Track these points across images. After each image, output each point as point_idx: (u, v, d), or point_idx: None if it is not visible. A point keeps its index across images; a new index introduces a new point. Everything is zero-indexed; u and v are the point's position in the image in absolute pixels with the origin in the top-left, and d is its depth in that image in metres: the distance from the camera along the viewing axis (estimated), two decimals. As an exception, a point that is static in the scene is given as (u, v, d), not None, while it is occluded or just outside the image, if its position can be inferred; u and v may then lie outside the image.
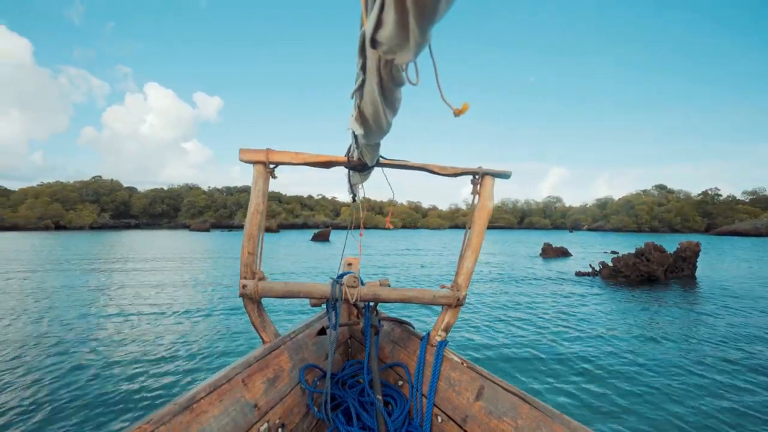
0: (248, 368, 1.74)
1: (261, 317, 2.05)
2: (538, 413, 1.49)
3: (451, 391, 1.87)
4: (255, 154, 1.88)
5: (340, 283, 2.04)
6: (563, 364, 5.33)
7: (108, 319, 7.53)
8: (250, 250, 1.92)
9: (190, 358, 5.34)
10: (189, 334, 6.50)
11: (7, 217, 61.44)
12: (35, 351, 5.60)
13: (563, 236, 60.04)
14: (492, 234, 65.68)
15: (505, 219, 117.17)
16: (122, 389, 4.34)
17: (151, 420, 1.23)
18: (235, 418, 1.51)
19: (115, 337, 6.30)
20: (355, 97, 1.04)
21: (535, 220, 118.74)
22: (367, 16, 0.64)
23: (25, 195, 74.37)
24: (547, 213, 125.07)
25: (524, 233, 73.97)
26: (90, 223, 70.78)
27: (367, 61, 0.80)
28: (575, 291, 11.25)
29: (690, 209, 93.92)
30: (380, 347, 2.43)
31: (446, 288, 2.14)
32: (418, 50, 0.61)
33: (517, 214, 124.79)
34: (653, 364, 5.40)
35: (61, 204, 72.87)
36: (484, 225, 2.10)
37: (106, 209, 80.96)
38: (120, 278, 12.59)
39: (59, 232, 57.03)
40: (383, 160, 1.97)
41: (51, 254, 20.88)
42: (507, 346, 6.08)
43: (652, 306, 9.35)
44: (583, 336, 6.73)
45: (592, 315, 8.35)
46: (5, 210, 65.03)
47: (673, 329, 7.29)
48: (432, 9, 0.50)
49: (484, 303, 9.41)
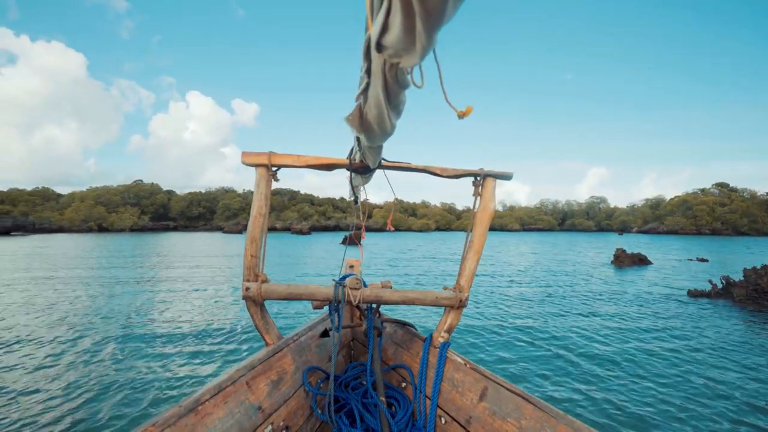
0: (252, 370, 1.73)
1: (264, 319, 2.03)
2: (542, 414, 1.48)
3: (455, 392, 1.86)
4: (257, 157, 1.86)
5: (342, 285, 1.99)
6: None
7: (123, 316, 7.51)
8: (253, 253, 1.89)
9: (198, 357, 5.32)
10: (204, 332, 6.55)
11: (54, 220, 63.87)
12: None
13: (612, 239, 54.78)
14: (533, 237, 61.48)
15: (545, 221, 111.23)
16: (142, 380, 4.42)
17: (156, 422, 1.23)
18: (239, 420, 1.51)
19: (129, 335, 6.33)
20: (360, 99, 1.02)
21: (578, 221, 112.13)
22: (373, 20, 0.64)
23: (72, 199, 77.77)
24: (590, 214, 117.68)
25: (568, 236, 68.77)
26: (130, 226, 72.74)
27: (371, 65, 0.79)
28: (702, 323, 7.79)
29: (758, 209, 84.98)
30: (383, 349, 2.42)
31: (449, 289, 2.10)
32: (424, 54, 0.61)
33: (557, 216, 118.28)
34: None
35: (105, 207, 75.41)
36: (486, 226, 2.06)
37: (146, 212, 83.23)
38: (142, 277, 11.54)
39: (101, 234, 58.46)
40: (385, 163, 1.95)
41: (84, 254, 19.92)
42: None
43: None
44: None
45: (752, 370, 5.38)
46: (53, 213, 67.86)
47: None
48: (439, 13, 0.51)
49: (567, 339, 6.66)
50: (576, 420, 1.40)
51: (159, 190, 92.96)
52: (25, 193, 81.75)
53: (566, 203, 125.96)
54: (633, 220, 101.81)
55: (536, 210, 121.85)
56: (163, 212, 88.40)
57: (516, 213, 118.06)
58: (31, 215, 64.40)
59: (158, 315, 7.72)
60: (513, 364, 5.25)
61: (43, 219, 62.13)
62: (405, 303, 2.05)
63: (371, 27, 0.66)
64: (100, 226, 69.20)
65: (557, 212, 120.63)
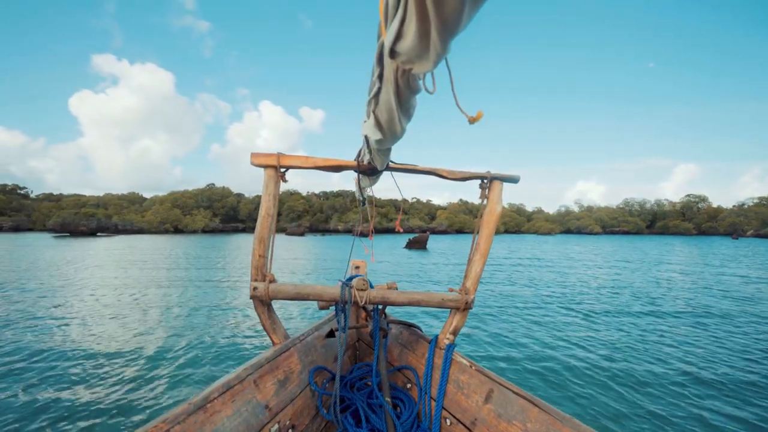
0: (259, 369, 1.75)
1: (271, 319, 2.04)
2: (547, 417, 1.47)
3: (460, 394, 1.87)
4: (266, 158, 1.89)
5: (349, 285, 2.00)
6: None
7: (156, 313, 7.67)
8: (261, 253, 1.91)
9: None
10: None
11: (136, 222, 68.46)
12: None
13: (727, 244, 44.10)
14: (616, 240, 53.02)
15: (631, 223, 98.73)
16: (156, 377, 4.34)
17: (167, 419, 1.25)
18: (247, 418, 1.52)
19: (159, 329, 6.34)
20: (371, 103, 1.05)
21: (673, 223, 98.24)
22: (387, 27, 0.64)
23: (153, 202, 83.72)
24: (687, 215, 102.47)
25: (664, 241, 57.99)
26: (202, 227, 76.22)
27: (384, 70, 0.80)
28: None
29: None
30: (388, 350, 2.44)
31: (454, 291, 2.11)
32: (437, 61, 0.61)
33: (645, 217, 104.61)
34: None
35: (180, 210, 80.00)
36: (492, 229, 2.07)
37: (217, 214, 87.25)
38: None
39: (176, 235, 61.24)
40: (393, 164, 1.97)
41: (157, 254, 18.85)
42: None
43: None
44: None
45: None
46: (136, 215, 73.20)
47: None
48: (455, 22, 0.50)
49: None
50: (582, 424, 1.38)
51: (229, 193, 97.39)
52: (115, 197, 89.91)
53: (656, 203, 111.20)
54: (746, 221, 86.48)
55: (619, 211, 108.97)
56: (233, 214, 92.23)
57: (595, 214, 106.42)
58: (115, 217, 69.89)
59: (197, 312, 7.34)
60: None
61: (125, 221, 67.14)
62: (411, 304, 2.05)
63: (384, 34, 0.66)
64: (175, 227, 73.36)
65: (645, 213, 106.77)
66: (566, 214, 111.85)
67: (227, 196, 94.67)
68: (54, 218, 56.46)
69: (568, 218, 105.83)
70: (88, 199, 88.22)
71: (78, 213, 63.83)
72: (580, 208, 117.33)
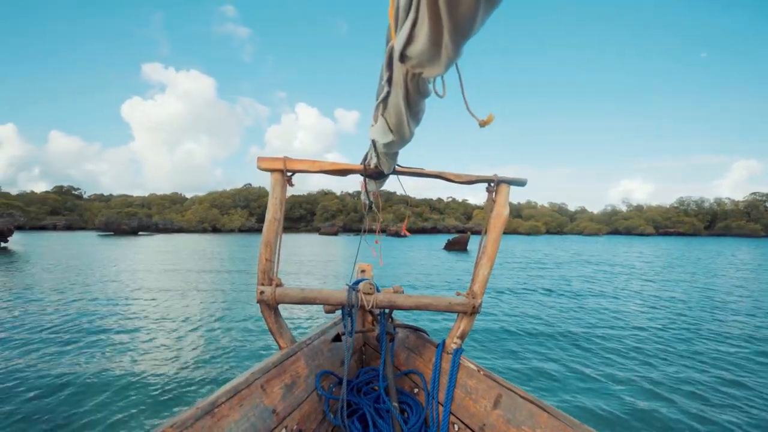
0: (266, 374, 1.74)
1: (278, 323, 2.03)
2: (557, 422, 1.45)
3: (468, 399, 1.85)
4: (273, 162, 1.88)
5: (356, 289, 1.97)
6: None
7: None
8: (267, 257, 1.89)
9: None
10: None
11: (176, 221, 70.60)
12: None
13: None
14: (672, 243, 48.09)
15: (687, 223, 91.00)
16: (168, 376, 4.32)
17: (174, 424, 1.25)
18: (254, 423, 1.52)
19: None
20: (379, 107, 1.04)
21: (736, 224, 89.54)
22: (397, 31, 0.63)
23: (193, 202, 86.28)
24: (752, 215, 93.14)
25: (730, 243, 52.20)
26: (239, 226, 77.50)
27: (393, 75, 0.80)
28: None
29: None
30: (395, 354, 2.41)
31: (462, 295, 2.07)
32: (449, 65, 0.61)
33: (704, 217, 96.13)
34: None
35: (218, 209, 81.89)
36: (499, 232, 2.04)
37: (253, 213, 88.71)
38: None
39: (214, 234, 62.34)
40: (399, 168, 1.96)
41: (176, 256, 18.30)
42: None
43: None
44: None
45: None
46: (177, 215, 75.58)
47: None
48: (468, 25, 0.49)
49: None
50: (593, 430, 1.37)
51: (266, 192, 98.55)
52: (158, 197, 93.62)
53: (715, 201, 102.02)
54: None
55: (673, 210, 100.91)
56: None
57: (646, 214, 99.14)
58: (156, 216, 72.35)
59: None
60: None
61: (166, 220, 69.31)
62: (418, 308, 2.03)
63: (394, 38, 0.65)
64: (213, 226, 75.05)
65: (703, 213, 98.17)
66: (613, 213, 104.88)
67: (263, 196, 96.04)
68: (99, 217, 58.89)
69: (615, 218, 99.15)
70: (134, 199, 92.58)
71: (120, 212, 66.46)
72: (628, 207, 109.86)
